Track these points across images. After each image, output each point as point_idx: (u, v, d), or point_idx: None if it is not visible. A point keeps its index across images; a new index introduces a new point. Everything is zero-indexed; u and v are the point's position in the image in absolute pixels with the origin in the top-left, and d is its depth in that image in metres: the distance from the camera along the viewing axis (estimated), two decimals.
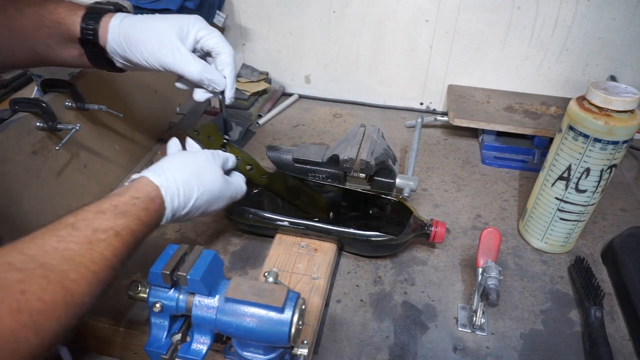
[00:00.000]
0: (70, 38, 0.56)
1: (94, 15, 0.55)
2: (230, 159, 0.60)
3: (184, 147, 0.59)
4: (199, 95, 0.60)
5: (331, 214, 0.72)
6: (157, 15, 0.56)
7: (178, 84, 0.61)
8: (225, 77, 0.58)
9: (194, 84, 0.59)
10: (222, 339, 0.50)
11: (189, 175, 0.51)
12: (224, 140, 0.63)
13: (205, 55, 0.60)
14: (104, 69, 0.60)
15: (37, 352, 0.33)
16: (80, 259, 0.37)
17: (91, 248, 0.39)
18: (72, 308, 0.36)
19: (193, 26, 0.57)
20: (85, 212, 0.41)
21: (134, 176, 0.49)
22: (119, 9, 0.58)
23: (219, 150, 0.58)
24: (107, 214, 0.42)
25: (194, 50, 0.58)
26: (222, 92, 0.59)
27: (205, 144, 0.60)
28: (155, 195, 0.47)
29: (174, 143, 0.59)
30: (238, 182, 0.60)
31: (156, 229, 0.48)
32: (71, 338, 0.64)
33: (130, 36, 0.55)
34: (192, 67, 0.55)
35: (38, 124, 0.66)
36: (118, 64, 0.59)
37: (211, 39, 0.57)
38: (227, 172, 0.60)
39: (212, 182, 0.54)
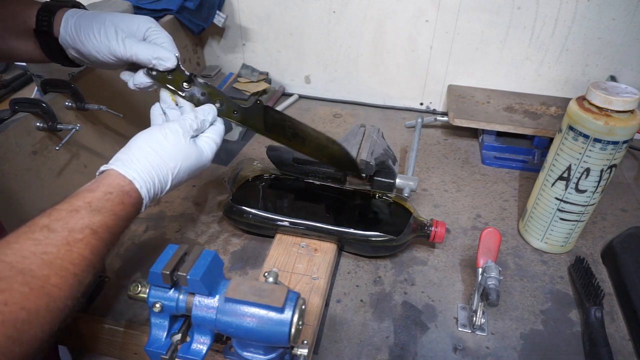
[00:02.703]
0: (25, 30, 0.56)
1: (50, 8, 0.55)
2: (208, 118, 0.56)
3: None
4: (140, 79, 0.57)
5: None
6: (111, 12, 0.57)
7: (124, 76, 0.59)
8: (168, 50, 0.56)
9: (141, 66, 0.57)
10: (222, 339, 0.50)
11: (161, 161, 0.49)
12: (187, 74, 0.57)
13: None
14: (59, 62, 0.60)
15: None
16: (60, 261, 0.37)
17: (70, 249, 0.38)
18: (54, 313, 0.35)
19: (144, 25, 0.56)
20: (58, 212, 0.40)
21: (103, 168, 0.48)
22: (73, 4, 0.58)
23: (190, 119, 0.54)
24: (81, 212, 0.41)
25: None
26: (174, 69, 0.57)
27: (162, 80, 0.57)
28: (130, 189, 0.46)
29: (156, 109, 0.58)
30: (212, 134, 0.57)
31: (134, 218, 0.48)
32: (69, 338, 0.64)
33: (81, 27, 0.54)
34: (139, 48, 0.54)
35: (38, 124, 0.66)
36: (70, 56, 0.58)
37: (159, 37, 0.56)
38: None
39: (187, 159, 0.52)
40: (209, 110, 0.57)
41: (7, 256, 0.35)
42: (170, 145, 0.50)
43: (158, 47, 0.55)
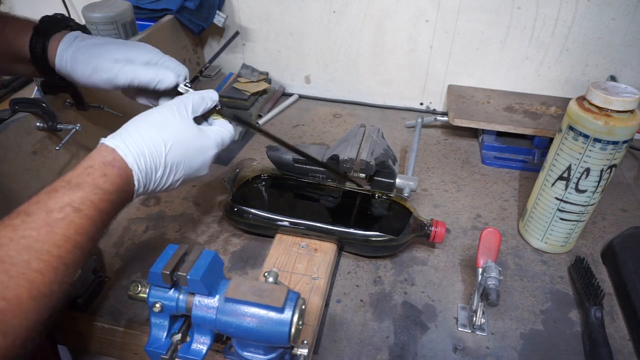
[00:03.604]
0: (21, 59, 0.56)
1: (41, 37, 0.55)
2: (207, 96, 0.54)
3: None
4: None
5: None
6: (105, 42, 0.55)
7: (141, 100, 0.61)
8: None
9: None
10: (222, 339, 0.50)
11: (151, 129, 0.46)
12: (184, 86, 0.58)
13: None
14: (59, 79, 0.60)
15: (9, 353, 0.31)
16: (41, 244, 0.35)
17: (51, 230, 0.36)
18: (40, 300, 0.33)
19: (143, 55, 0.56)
20: (37, 196, 0.38)
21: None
22: (66, 25, 0.58)
23: (185, 96, 0.52)
24: (60, 191, 0.39)
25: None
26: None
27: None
28: (113, 158, 0.43)
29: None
30: (220, 127, 0.55)
31: (131, 197, 0.45)
32: (69, 338, 0.64)
33: (76, 67, 0.55)
34: (141, 72, 0.54)
35: (38, 124, 0.66)
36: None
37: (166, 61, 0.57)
38: (206, 117, 0.56)
39: (183, 132, 0.49)
40: (208, 91, 0.55)
41: None
42: (163, 117, 0.48)
43: (160, 68, 0.55)
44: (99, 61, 0.53)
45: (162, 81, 0.55)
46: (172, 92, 0.58)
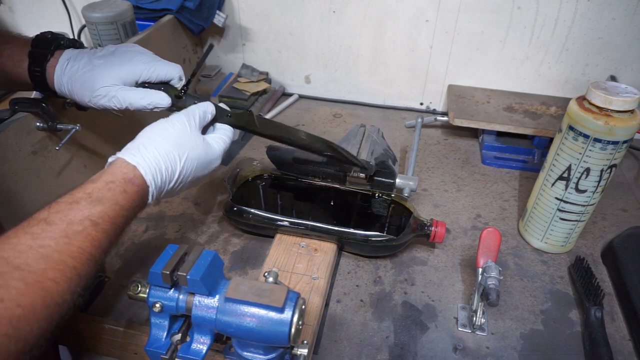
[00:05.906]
0: (21, 84, 0.58)
1: (38, 64, 0.56)
2: (208, 110, 0.56)
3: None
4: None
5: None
6: (94, 66, 0.55)
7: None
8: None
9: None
10: (222, 339, 0.50)
11: (168, 146, 0.48)
12: (182, 90, 0.59)
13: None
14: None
15: (17, 358, 0.31)
16: (58, 255, 0.36)
17: (68, 242, 0.37)
18: (52, 308, 0.34)
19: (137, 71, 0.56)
20: (58, 205, 0.39)
21: (110, 159, 0.47)
22: (58, 44, 0.58)
23: (192, 108, 0.54)
24: (81, 204, 0.40)
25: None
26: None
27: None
28: (134, 175, 0.45)
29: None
30: (221, 135, 0.57)
31: (142, 209, 0.47)
32: (69, 338, 0.64)
33: (74, 94, 0.56)
34: (132, 98, 0.55)
35: (38, 124, 0.66)
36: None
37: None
38: (210, 125, 0.57)
39: (195, 146, 0.51)
40: (208, 104, 0.57)
41: (4, 251, 0.34)
42: (177, 132, 0.50)
43: (148, 93, 0.56)
44: (93, 90, 0.55)
45: (158, 105, 0.56)
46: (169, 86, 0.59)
